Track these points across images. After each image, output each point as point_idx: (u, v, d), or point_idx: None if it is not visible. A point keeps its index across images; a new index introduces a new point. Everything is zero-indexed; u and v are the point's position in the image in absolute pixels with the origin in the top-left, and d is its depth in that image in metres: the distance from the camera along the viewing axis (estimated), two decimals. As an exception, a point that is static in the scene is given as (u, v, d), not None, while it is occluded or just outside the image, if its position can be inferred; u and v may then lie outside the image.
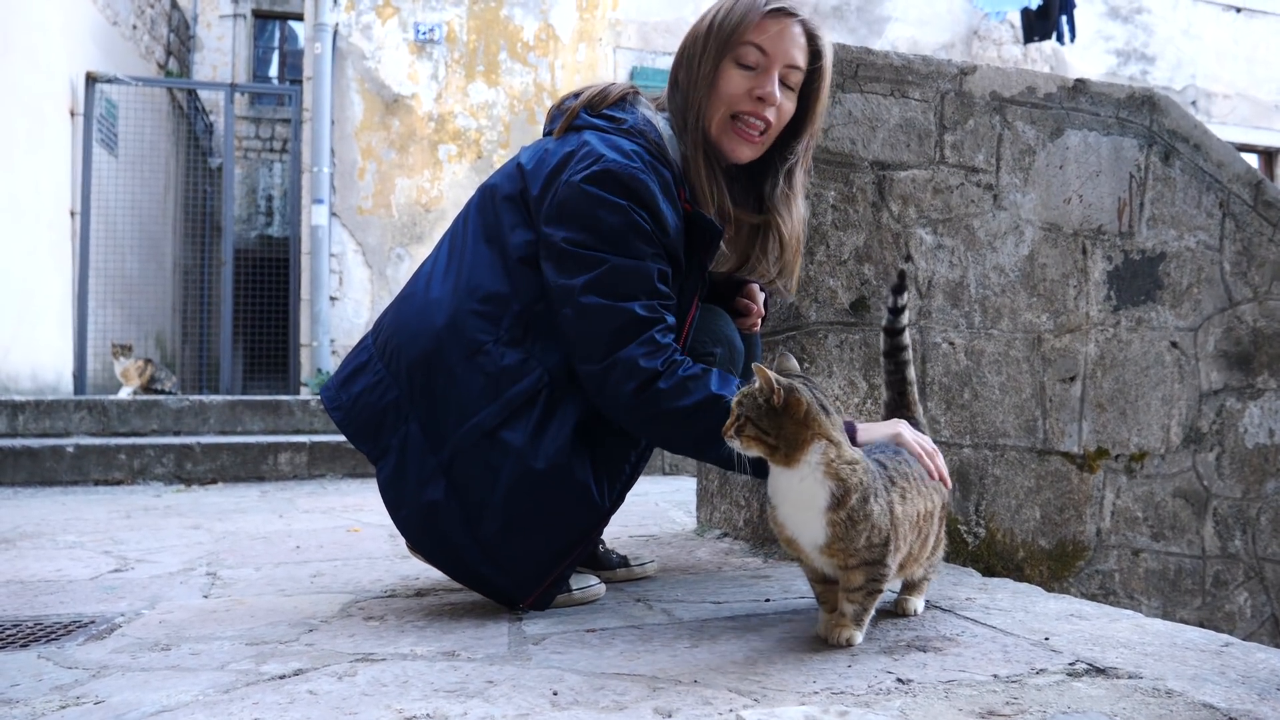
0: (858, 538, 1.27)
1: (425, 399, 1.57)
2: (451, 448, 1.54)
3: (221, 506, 3.55)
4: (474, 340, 1.55)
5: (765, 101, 1.60)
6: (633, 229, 1.50)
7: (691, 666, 1.23)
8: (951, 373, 2.31)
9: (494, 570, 1.57)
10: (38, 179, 6.82)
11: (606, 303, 1.48)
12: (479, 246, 1.62)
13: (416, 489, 1.57)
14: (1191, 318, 2.60)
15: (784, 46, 1.60)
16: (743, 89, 1.60)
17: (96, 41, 7.91)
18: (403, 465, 1.58)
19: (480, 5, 8.14)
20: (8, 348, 6.23)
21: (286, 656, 1.35)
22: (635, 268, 1.50)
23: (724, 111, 1.61)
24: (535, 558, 1.58)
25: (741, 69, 1.60)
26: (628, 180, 1.50)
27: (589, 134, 1.58)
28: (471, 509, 1.54)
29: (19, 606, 1.79)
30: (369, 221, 7.86)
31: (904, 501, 1.34)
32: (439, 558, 1.62)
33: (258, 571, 2.14)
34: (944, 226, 2.33)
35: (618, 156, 1.52)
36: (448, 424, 1.55)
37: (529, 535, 1.55)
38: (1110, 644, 1.31)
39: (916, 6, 9.31)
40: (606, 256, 1.49)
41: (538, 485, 1.53)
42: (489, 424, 1.53)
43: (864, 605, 1.32)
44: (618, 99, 1.66)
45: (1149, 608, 2.48)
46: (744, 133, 1.62)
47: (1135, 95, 2.56)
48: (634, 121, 1.61)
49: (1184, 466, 2.57)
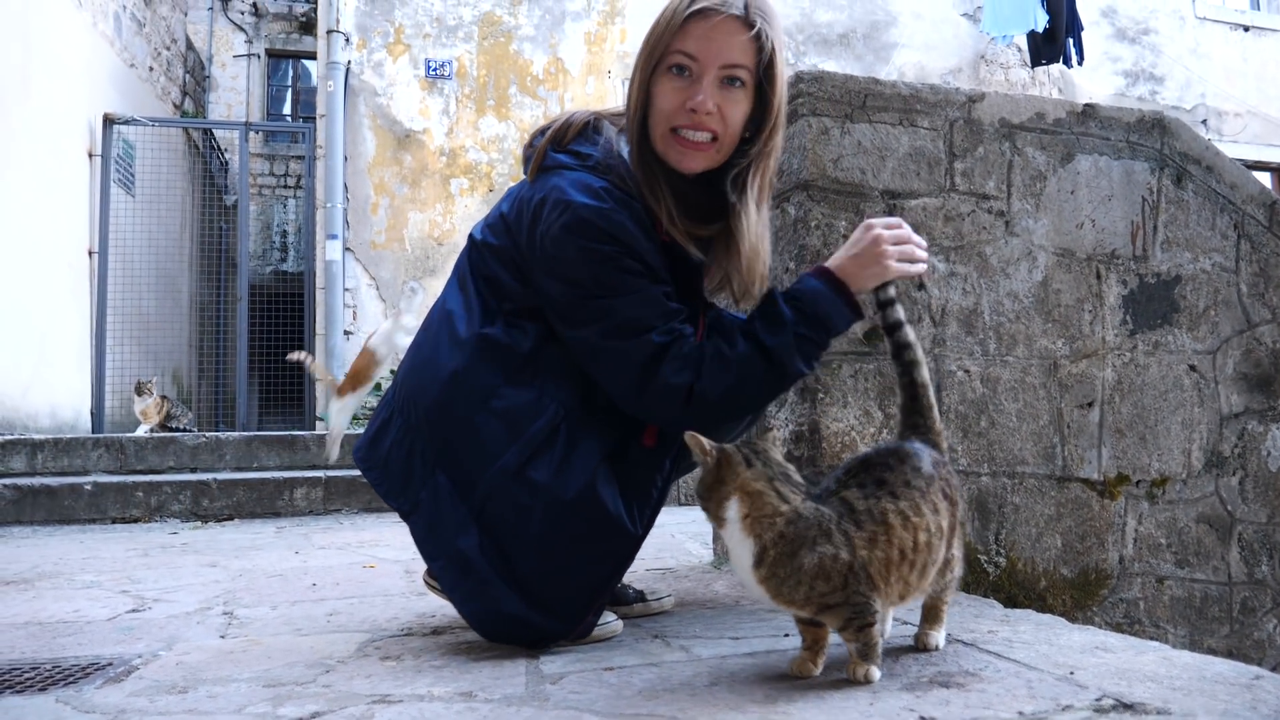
0: (794, 591, 1.25)
1: (447, 449, 1.57)
2: (480, 493, 1.54)
3: (238, 543, 3.56)
4: (485, 386, 1.55)
5: (697, 111, 1.50)
6: (621, 268, 1.48)
7: (711, 705, 1.22)
8: (967, 400, 2.30)
9: (535, 611, 1.55)
10: (56, 219, 6.92)
11: (625, 344, 1.48)
12: (479, 297, 1.62)
13: (450, 539, 1.56)
14: (1209, 340, 2.58)
15: (714, 47, 1.49)
16: (676, 102, 1.51)
17: (114, 83, 8.04)
18: (436, 517, 1.58)
19: (490, 41, 8.24)
20: (27, 386, 6.28)
21: (303, 699, 1.34)
22: (638, 300, 1.49)
23: (664, 126, 1.54)
24: (576, 592, 1.56)
25: (674, 78, 1.51)
26: (603, 224, 1.48)
27: (555, 177, 1.56)
28: (507, 552, 1.54)
29: (37, 648, 1.79)
30: (382, 256, 7.92)
31: (873, 546, 1.27)
32: (474, 605, 1.59)
33: (274, 610, 2.13)
34: (956, 254, 2.33)
35: (588, 200, 1.49)
36: (473, 470, 1.55)
37: (567, 570, 1.54)
38: (1137, 678, 1.29)
39: (923, 32, 9.37)
40: (607, 301, 1.48)
41: (570, 519, 1.52)
42: (513, 464, 1.52)
43: (862, 641, 1.28)
44: (580, 129, 1.63)
45: (1175, 636, 2.44)
46: (686, 143, 1.53)
47: (1145, 118, 2.56)
48: (599, 156, 1.57)
49: (1206, 491, 2.54)
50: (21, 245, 6.27)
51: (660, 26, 1.53)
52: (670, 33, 1.50)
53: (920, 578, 1.34)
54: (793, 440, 2.22)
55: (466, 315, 1.62)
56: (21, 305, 6.23)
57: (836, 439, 2.15)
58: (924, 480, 1.36)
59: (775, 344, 1.49)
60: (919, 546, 1.31)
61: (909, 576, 1.32)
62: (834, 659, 1.38)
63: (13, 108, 6.17)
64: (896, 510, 1.31)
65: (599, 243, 1.48)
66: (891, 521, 1.30)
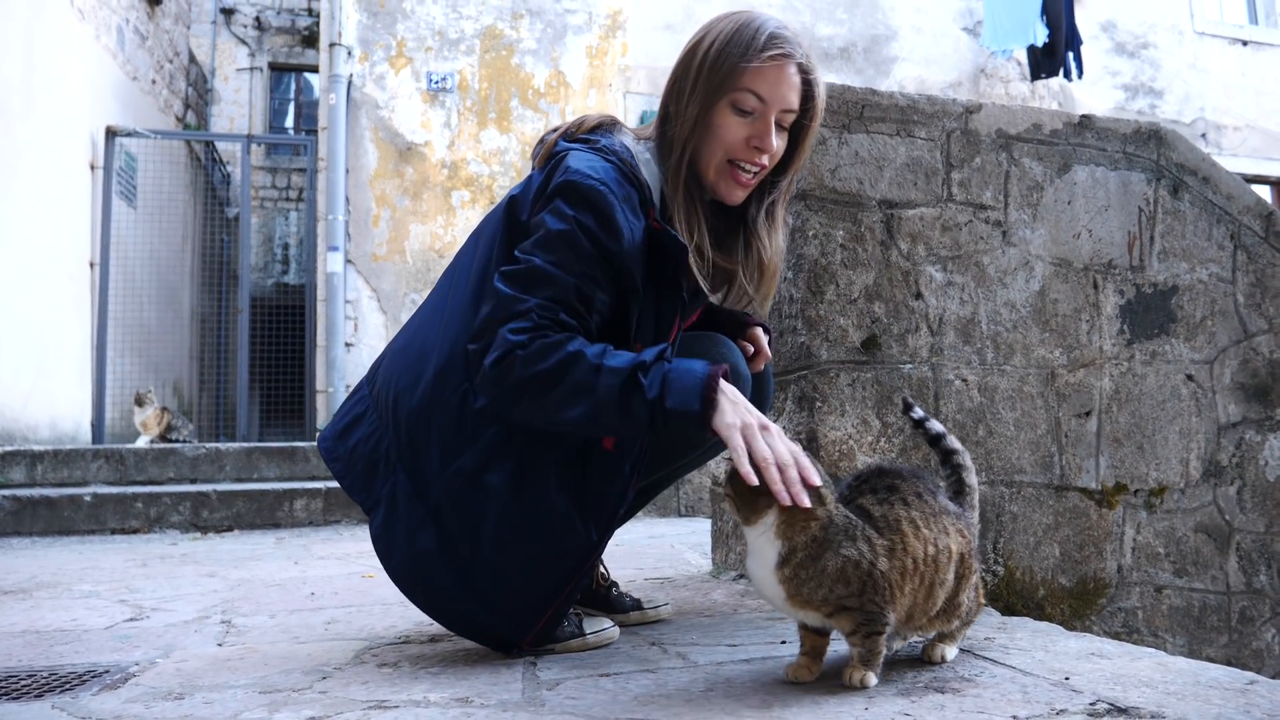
0: (814, 591, 1.26)
1: (411, 447, 1.57)
2: (438, 494, 1.54)
3: (237, 554, 3.56)
4: (457, 385, 1.54)
5: (763, 151, 1.57)
6: (571, 244, 1.46)
7: (707, 710, 1.22)
8: (965, 410, 2.30)
9: (488, 615, 1.56)
10: (58, 231, 6.94)
11: (511, 292, 1.45)
12: (467, 292, 1.62)
13: (407, 538, 1.56)
14: (1206, 350, 2.58)
15: (781, 92, 1.56)
16: (740, 137, 1.56)
17: (116, 96, 8.07)
18: (393, 515, 1.57)
19: (491, 54, 8.28)
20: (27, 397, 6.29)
21: (299, 705, 1.34)
22: (555, 276, 1.45)
23: (721, 157, 1.58)
24: (528, 598, 1.56)
25: (738, 114, 1.56)
26: (587, 191, 1.48)
27: (566, 157, 1.57)
28: (461, 555, 1.54)
29: (34, 656, 1.79)
30: (383, 268, 7.94)
31: (891, 555, 1.29)
32: (433, 606, 1.60)
33: (272, 619, 2.13)
34: (953, 264, 2.34)
35: (582, 168, 1.51)
36: (432, 470, 1.54)
37: (519, 576, 1.54)
38: (1132, 683, 1.29)
39: (923, 46, 9.41)
40: (535, 256, 1.47)
41: (523, 525, 1.52)
42: (469, 467, 1.52)
43: (868, 647, 1.29)
44: (593, 127, 1.65)
45: (1174, 645, 2.44)
46: (739, 177, 1.59)
47: (1142, 130, 2.58)
48: (608, 143, 1.59)
49: (1204, 501, 2.54)
50: (23, 256, 6.29)
51: (728, 59, 1.54)
52: (744, 70, 1.54)
53: (926, 598, 1.33)
54: (790, 449, 2.22)
55: (447, 314, 1.62)
56: (22, 316, 6.25)
57: (834, 447, 2.15)
58: (936, 501, 1.39)
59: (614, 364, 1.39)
60: (927, 559, 1.32)
61: (918, 592, 1.32)
62: (830, 665, 1.38)
63: (16, 120, 6.20)
64: (909, 519, 1.33)
65: (570, 205, 1.48)
66: (904, 529, 1.32)
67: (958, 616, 1.41)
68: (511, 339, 1.41)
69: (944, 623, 1.40)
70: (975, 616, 1.47)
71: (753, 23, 1.56)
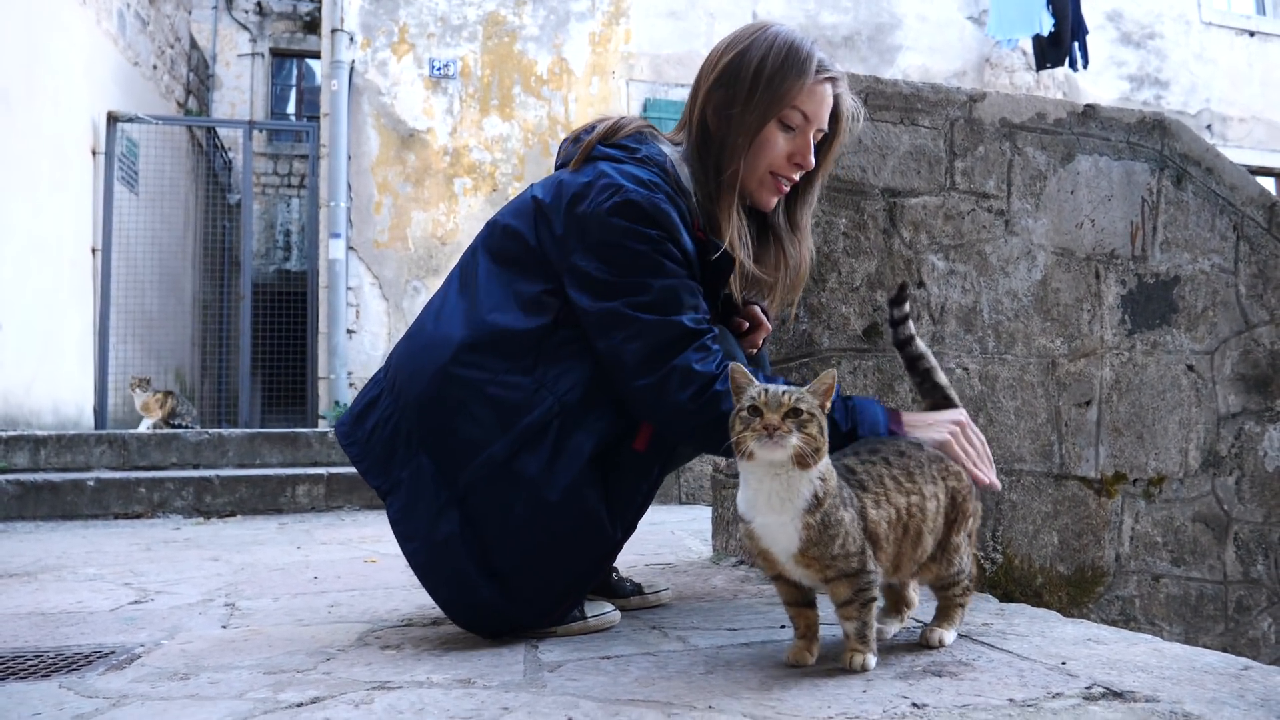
0: (829, 545, 1.26)
1: (436, 433, 1.57)
2: (465, 481, 1.55)
3: (240, 539, 3.57)
4: (484, 373, 1.56)
5: (802, 167, 1.68)
6: (664, 255, 1.52)
7: (706, 692, 1.23)
8: (966, 398, 2.31)
9: (504, 600, 1.57)
10: (60, 217, 6.94)
11: (657, 318, 1.50)
12: (489, 283, 1.63)
13: (429, 522, 1.57)
14: (1207, 341, 2.59)
15: (823, 112, 1.66)
16: (784, 152, 1.66)
17: (118, 82, 8.07)
18: (415, 499, 1.58)
19: (494, 41, 8.27)
20: (30, 383, 6.31)
21: (304, 685, 1.36)
22: (676, 286, 1.52)
23: (765, 170, 1.66)
24: (550, 588, 1.59)
25: (783, 129, 1.64)
26: (650, 210, 1.52)
27: (604, 164, 1.59)
28: (486, 541, 1.55)
29: (40, 637, 1.81)
30: (385, 255, 7.94)
31: (877, 506, 1.33)
32: (445, 591, 1.60)
33: (275, 602, 2.15)
34: (956, 252, 2.34)
35: (637, 186, 1.53)
36: (460, 457, 1.55)
37: (543, 566, 1.56)
38: (1127, 668, 1.30)
39: (928, 35, 9.38)
40: (647, 280, 1.51)
41: (552, 516, 1.53)
42: (502, 455, 1.53)
43: (862, 619, 1.30)
44: (632, 133, 1.67)
45: (1170, 634, 2.45)
46: (780, 186, 1.70)
47: (1146, 119, 2.57)
48: (647, 151, 1.62)
49: (1203, 490, 2.55)
50: (26, 242, 6.29)
51: (790, 78, 1.62)
52: (798, 90, 1.62)
53: (914, 547, 1.37)
54: (791, 436, 2.23)
55: (472, 300, 1.63)
56: (25, 302, 6.26)
57: (835, 435, 2.16)
58: (920, 453, 1.43)
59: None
60: (912, 510, 1.36)
61: (903, 543, 1.36)
62: (828, 648, 1.39)
63: (18, 105, 6.19)
64: (890, 475, 1.37)
65: (645, 225, 1.52)
66: (886, 483, 1.35)
67: (957, 560, 1.43)
68: (700, 369, 1.49)
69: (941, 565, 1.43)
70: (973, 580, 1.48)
71: (801, 44, 1.65)
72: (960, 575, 1.46)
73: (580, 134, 1.71)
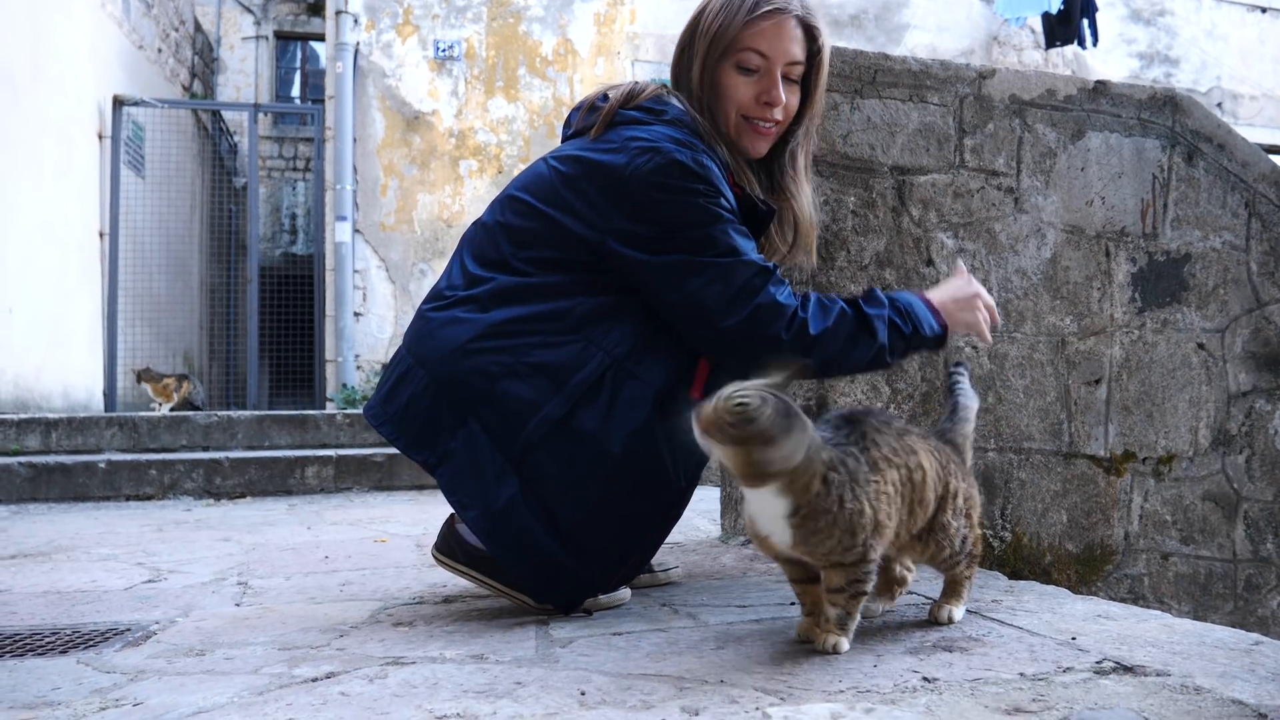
0: (821, 543, 1.25)
1: (481, 398, 1.55)
2: (522, 443, 1.53)
3: (250, 519, 3.59)
4: (528, 337, 1.55)
5: (773, 105, 1.65)
6: (716, 206, 1.54)
7: (718, 667, 1.24)
8: (975, 377, 2.31)
9: (577, 561, 1.55)
10: (67, 202, 6.95)
11: (731, 260, 1.52)
12: (518, 249, 1.61)
13: (488, 488, 1.54)
14: (1218, 319, 2.58)
15: (782, 45, 1.63)
16: (749, 95, 1.64)
17: (123, 65, 8.05)
18: (470, 466, 1.56)
19: (499, 22, 8.23)
20: (40, 367, 6.34)
21: (318, 660, 1.37)
22: (735, 231, 1.55)
23: (735, 114, 1.65)
24: (616, 540, 1.58)
25: (743, 73, 1.64)
26: (694, 166, 1.53)
27: (631, 129, 1.58)
28: (550, 501, 1.53)
29: (57, 615, 1.82)
30: (392, 237, 7.94)
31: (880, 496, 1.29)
32: (514, 555, 1.56)
33: (288, 581, 2.16)
34: (965, 230, 2.33)
35: (675, 146, 1.53)
36: (513, 419, 1.54)
37: (610, 519, 1.56)
38: (1138, 643, 1.31)
39: (935, 13, 9.31)
40: (704, 230, 1.53)
41: (616, 469, 1.53)
42: (558, 413, 1.52)
43: (847, 609, 1.29)
44: (652, 96, 1.66)
45: (1179, 612, 2.46)
46: (759, 130, 1.67)
47: (1157, 96, 2.56)
48: (674, 113, 1.62)
49: (1213, 469, 2.55)
50: (33, 227, 6.30)
51: (724, 21, 1.62)
52: (737, 29, 1.62)
53: (911, 516, 1.34)
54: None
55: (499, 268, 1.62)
56: (34, 287, 6.28)
57: (844, 414, 2.16)
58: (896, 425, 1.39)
59: (871, 313, 1.57)
60: (902, 482, 1.32)
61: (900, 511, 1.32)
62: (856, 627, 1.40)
63: (23, 89, 6.19)
64: (882, 456, 1.33)
65: (693, 182, 1.52)
66: (881, 467, 1.32)
67: (948, 542, 1.39)
68: (785, 301, 1.53)
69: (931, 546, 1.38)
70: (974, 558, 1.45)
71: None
72: (957, 556, 1.42)
73: (595, 101, 1.69)
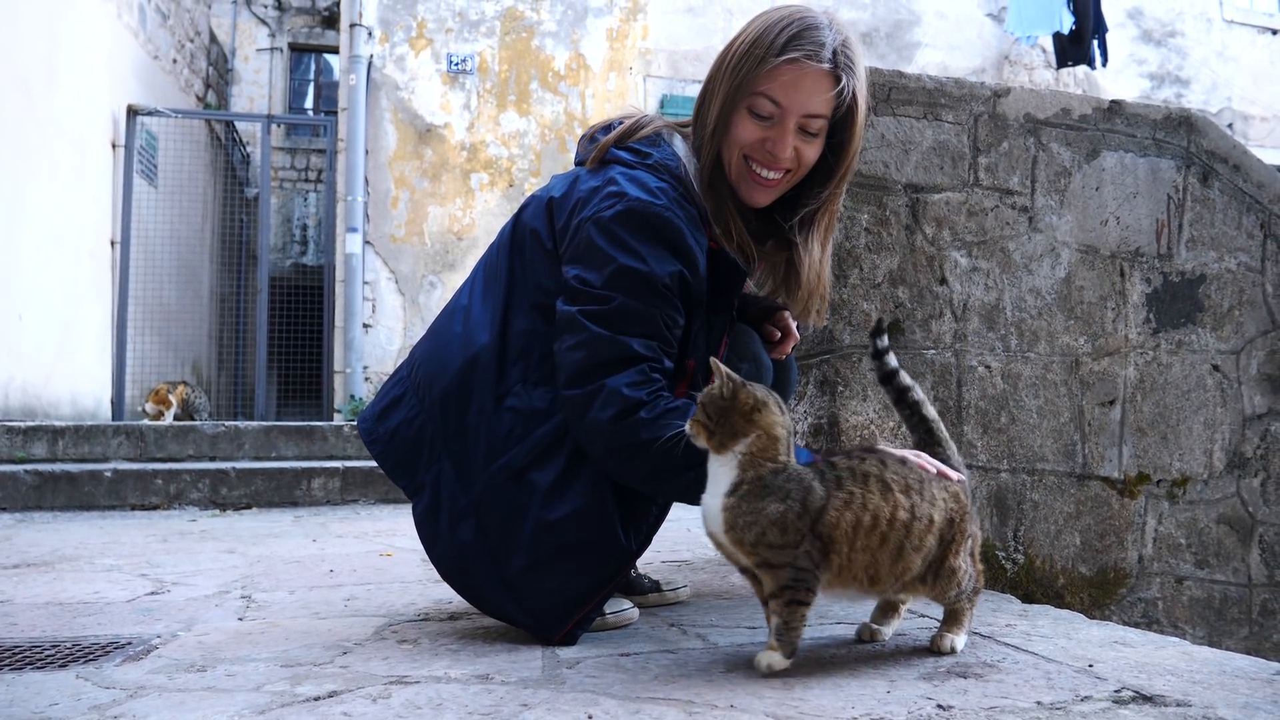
0: (746, 531, 1.26)
1: (458, 437, 1.56)
2: (481, 487, 1.54)
3: (256, 531, 3.58)
4: (505, 379, 1.55)
5: (776, 156, 1.54)
6: (646, 277, 1.45)
7: (728, 691, 1.22)
8: (988, 396, 2.29)
9: (518, 610, 1.55)
10: (79, 209, 6.98)
11: (607, 334, 1.44)
12: (512, 283, 1.61)
13: (449, 528, 1.56)
14: (1233, 340, 2.55)
15: (800, 97, 1.50)
16: (754, 138, 1.54)
17: (137, 75, 8.10)
18: (436, 503, 1.58)
19: (512, 36, 8.26)
20: (48, 375, 6.34)
21: (321, 678, 1.35)
22: (642, 311, 1.46)
23: (738, 154, 1.56)
24: (559, 598, 1.53)
25: (755, 118, 1.53)
26: (652, 218, 1.47)
27: (615, 169, 1.55)
28: (498, 549, 1.53)
29: (58, 628, 1.81)
30: (402, 250, 7.95)
31: (846, 507, 1.27)
32: (469, 595, 1.63)
33: (292, 595, 2.14)
34: (979, 249, 2.32)
35: (642, 194, 1.49)
36: (478, 463, 1.54)
37: (553, 576, 1.52)
38: (1157, 671, 1.28)
39: (946, 32, 9.32)
40: (612, 294, 1.46)
41: (563, 527, 1.50)
42: (517, 464, 1.52)
43: (784, 618, 1.27)
44: (650, 134, 1.62)
45: (1194, 637, 2.42)
46: (758, 179, 1.56)
47: (1172, 116, 2.54)
48: (660, 157, 1.57)
49: (1228, 492, 2.52)
50: (45, 234, 6.33)
51: (748, 60, 1.51)
52: (759, 72, 1.50)
53: (894, 561, 1.30)
54: (811, 433, 2.21)
55: (494, 303, 1.61)
56: (44, 294, 6.29)
57: (855, 432, 2.14)
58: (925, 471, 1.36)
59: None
60: (895, 522, 1.29)
61: (879, 553, 1.29)
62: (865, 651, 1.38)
63: (38, 98, 6.23)
64: (879, 477, 1.31)
65: (640, 238, 1.46)
66: (870, 485, 1.30)
67: (955, 584, 1.36)
68: (630, 394, 1.41)
69: (935, 589, 1.36)
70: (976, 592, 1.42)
71: (781, 21, 1.51)
72: (962, 594, 1.39)
73: (597, 132, 1.68)
